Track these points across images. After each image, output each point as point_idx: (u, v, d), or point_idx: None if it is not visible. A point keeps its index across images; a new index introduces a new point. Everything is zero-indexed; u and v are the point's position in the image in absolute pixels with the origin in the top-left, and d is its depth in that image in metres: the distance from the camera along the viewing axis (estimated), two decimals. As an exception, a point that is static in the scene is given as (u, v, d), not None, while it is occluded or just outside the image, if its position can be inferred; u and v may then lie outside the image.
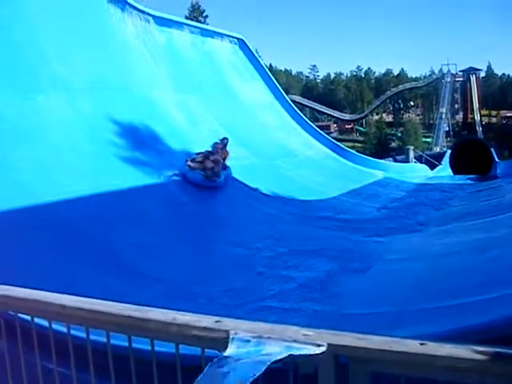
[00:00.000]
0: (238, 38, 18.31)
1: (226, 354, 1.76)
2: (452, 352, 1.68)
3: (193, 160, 10.09)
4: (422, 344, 1.72)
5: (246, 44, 18.53)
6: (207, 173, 9.94)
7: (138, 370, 2.24)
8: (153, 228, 7.81)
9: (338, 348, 1.76)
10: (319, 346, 1.73)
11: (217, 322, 1.93)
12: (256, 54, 19.46)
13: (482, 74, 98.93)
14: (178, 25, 15.42)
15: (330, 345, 1.75)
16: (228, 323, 1.90)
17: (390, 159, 26.33)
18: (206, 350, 1.95)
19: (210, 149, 10.30)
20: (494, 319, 3.31)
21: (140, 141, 10.09)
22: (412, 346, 1.72)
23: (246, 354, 1.74)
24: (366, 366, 1.79)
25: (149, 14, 13.79)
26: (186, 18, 52.87)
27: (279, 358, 1.67)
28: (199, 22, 52.32)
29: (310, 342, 1.75)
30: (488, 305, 4.41)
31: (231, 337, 1.81)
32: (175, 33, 14.98)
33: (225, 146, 10.77)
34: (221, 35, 17.55)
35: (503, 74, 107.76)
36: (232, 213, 9.57)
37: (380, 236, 9.08)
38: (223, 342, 1.82)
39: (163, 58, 13.70)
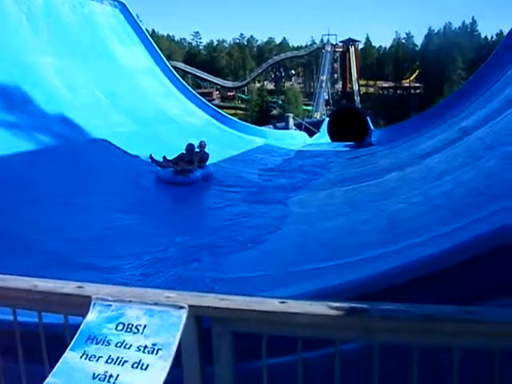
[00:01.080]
0: (118, 2, 17.75)
1: (86, 319, 1.75)
2: (309, 309, 1.75)
3: (166, 160, 10.51)
4: (281, 302, 1.77)
5: (127, 8, 18.00)
6: (177, 169, 10.22)
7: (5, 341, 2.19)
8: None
9: (199, 309, 1.78)
10: (181, 307, 1.74)
11: (79, 287, 1.90)
12: (137, 19, 18.96)
13: (361, 46, 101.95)
14: (56, -14, 14.72)
15: (191, 306, 1.76)
16: (90, 288, 1.88)
17: (271, 126, 26.66)
18: (69, 316, 1.93)
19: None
20: (362, 277, 3.49)
21: (12, 104, 9.72)
22: (271, 304, 1.77)
23: (107, 318, 1.73)
24: (228, 326, 1.82)
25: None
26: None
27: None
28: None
29: (171, 304, 1.75)
30: (357, 265, 4.65)
31: (93, 302, 1.79)
32: (53, -5, 14.32)
33: (203, 148, 11.10)
34: (100, -1, 16.96)
35: (380, 46, 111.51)
36: (108, 180, 9.41)
37: (262, 203, 9.21)
38: (86, 308, 1.79)
39: (40, 21, 13.09)
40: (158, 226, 7.85)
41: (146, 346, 1.65)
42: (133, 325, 1.71)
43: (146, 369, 1.60)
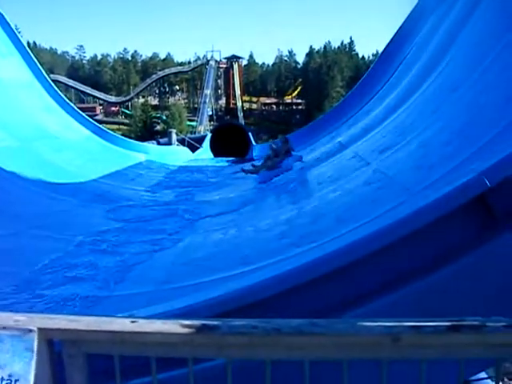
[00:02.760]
0: (-5, 11, 17.13)
1: None
2: (161, 327, 1.79)
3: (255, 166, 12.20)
4: (132, 322, 1.80)
5: (4, 18, 17.39)
6: (268, 166, 11.66)
7: None
8: None
9: (50, 332, 1.76)
10: (30, 331, 1.70)
11: None
12: (15, 30, 18.36)
13: (245, 62, 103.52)
14: None
15: (41, 329, 1.73)
16: None
17: (154, 142, 26.56)
18: None
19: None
20: (222, 294, 3.62)
21: None
22: (122, 324, 1.78)
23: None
24: (80, 348, 1.80)
25: None
26: None
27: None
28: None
29: (20, 328, 1.71)
30: (221, 282, 4.84)
31: None
32: None
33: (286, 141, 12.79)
34: (-26, 6, 16.30)
35: (263, 63, 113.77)
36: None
37: (139, 221, 9.19)
38: None
39: None
40: (34, 242, 7.68)
41: (2, 378, 1.60)
42: (-19, 353, 1.62)
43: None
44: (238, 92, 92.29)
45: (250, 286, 3.74)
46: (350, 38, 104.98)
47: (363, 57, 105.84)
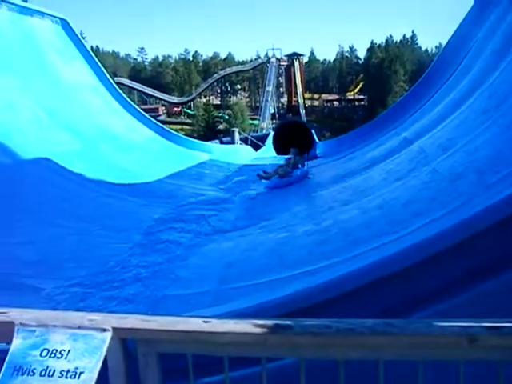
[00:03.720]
0: (60, 18, 17.44)
1: (12, 346, 1.73)
2: (234, 327, 1.76)
3: (267, 173, 12.77)
4: (205, 322, 1.78)
5: (69, 25, 17.71)
6: (280, 174, 12.33)
7: None
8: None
9: (123, 331, 1.77)
10: (104, 330, 1.72)
11: (2, 313, 1.85)
12: (80, 36, 18.68)
13: (306, 59, 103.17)
14: (-7, 1, 14.38)
15: (115, 329, 1.75)
16: (13, 314, 1.84)
17: (217, 141, 26.69)
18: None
19: None
20: (291, 294, 3.51)
21: None
22: (195, 324, 1.77)
23: (31, 345, 1.71)
24: (153, 347, 1.81)
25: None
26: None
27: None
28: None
29: (95, 328, 1.73)
30: (287, 281, 4.71)
31: (16, 328, 1.76)
32: (-10, 10, 13.98)
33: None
34: (42, 14, 16.58)
35: (324, 60, 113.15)
36: (49, 199, 9.23)
37: (204, 218, 9.19)
38: (10, 334, 1.76)
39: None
40: (102, 242, 7.75)
41: (68, 371, 1.63)
42: (57, 350, 1.68)
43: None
44: (299, 89, 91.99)
45: (317, 285, 3.61)
46: (412, 31, 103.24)
47: (426, 50, 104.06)
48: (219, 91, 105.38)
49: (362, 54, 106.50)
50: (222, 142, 25.76)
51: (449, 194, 5.32)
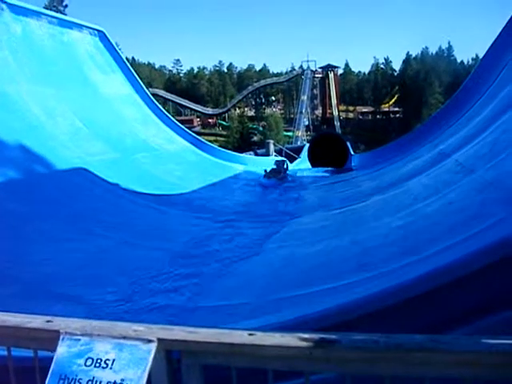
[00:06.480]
0: (98, 30, 17.71)
1: (56, 354, 1.72)
2: (280, 341, 1.74)
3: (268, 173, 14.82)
4: (250, 334, 1.76)
5: (106, 36, 17.99)
6: (278, 177, 14.56)
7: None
8: None
9: (168, 343, 1.76)
10: (150, 341, 1.72)
11: (48, 321, 1.86)
12: (116, 47, 18.94)
13: (340, 71, 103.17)
14: (36, 14, 14.65)
15: (160, 340, 1.74)
16: (59, 322, 1.85)
17: (251, 153, 26.69)
18: (39, 350, 1.90)
19: None
20: (331, 307, 3.46)
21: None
22: (240, 337, 1.76)
23: (76, 353, 1.70)
24: (197, 359, 1.80)
25: (3, 2, 13.04)
26: (46, 7, 50.88)
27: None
28: (59, 11, 50.45)
29: (140, 338, 1.73)
30: (329, 293, 4.64)
31: (61, 336, 1.76)
32: (32, 23, 14.25)
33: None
34: (80, 26, 16.88)
35: (359, 72, 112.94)
36: (87, 208, 9.32)
37: (242, 228, 9.19)
38: (55, 342, 1.77)
39: (18, 48, 13.03)
40: (137, 250, 7.79)
41: (115, 382, 1.62)
42: (101, 359, 1.68)
43: (116, 406, 1.54)
44: (334, 101, 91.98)
45: (359, 298, 3.56)
46: (449, 43, 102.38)
47: (462, 62, 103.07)
48: (254, 103, 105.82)
49: (397, 65, 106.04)
50: (256, 154, 25.74)
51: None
